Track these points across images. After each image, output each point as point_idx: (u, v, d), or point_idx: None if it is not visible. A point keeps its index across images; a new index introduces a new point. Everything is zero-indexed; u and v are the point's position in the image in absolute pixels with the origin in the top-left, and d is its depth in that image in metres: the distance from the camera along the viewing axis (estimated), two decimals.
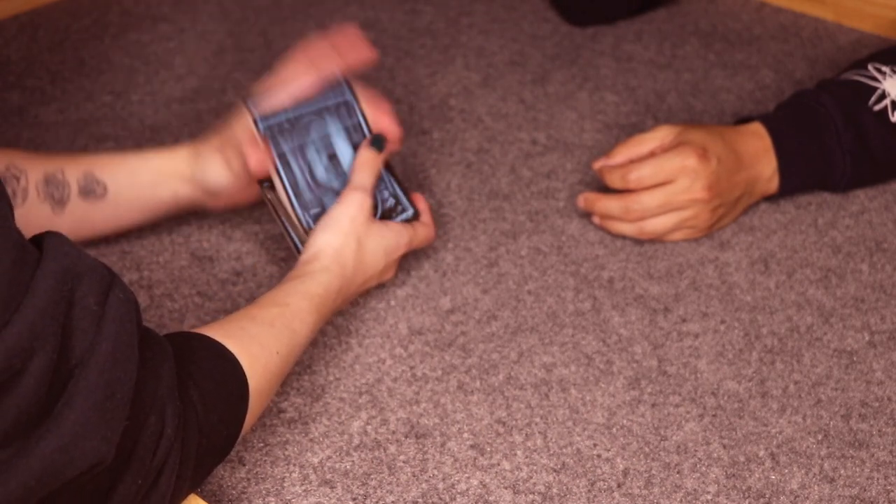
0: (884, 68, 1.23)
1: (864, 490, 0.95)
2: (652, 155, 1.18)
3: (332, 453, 0.97)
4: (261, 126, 1.08)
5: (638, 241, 1.20)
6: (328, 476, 0.95)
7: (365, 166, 1.09)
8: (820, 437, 0.99)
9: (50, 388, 0.71)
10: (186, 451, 0.81)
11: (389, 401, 1.02)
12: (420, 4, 1.63)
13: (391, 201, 1.12)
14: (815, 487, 0.95)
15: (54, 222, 1.08)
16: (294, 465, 0.96)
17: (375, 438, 0.99)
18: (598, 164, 1.20)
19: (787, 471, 0.96)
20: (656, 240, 1.20)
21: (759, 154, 1.20)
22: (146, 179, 1.11)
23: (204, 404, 0.84)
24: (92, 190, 1.10)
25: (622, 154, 1.19)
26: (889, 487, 0.95)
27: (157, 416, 0.78)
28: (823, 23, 1.59)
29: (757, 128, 1.21)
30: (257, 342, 0.91)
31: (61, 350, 0.72)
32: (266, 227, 1.22)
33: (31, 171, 1.08)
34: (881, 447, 0.98)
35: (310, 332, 0.98)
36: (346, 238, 1.04)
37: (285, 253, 1.18)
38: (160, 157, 1.12)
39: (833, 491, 0.95)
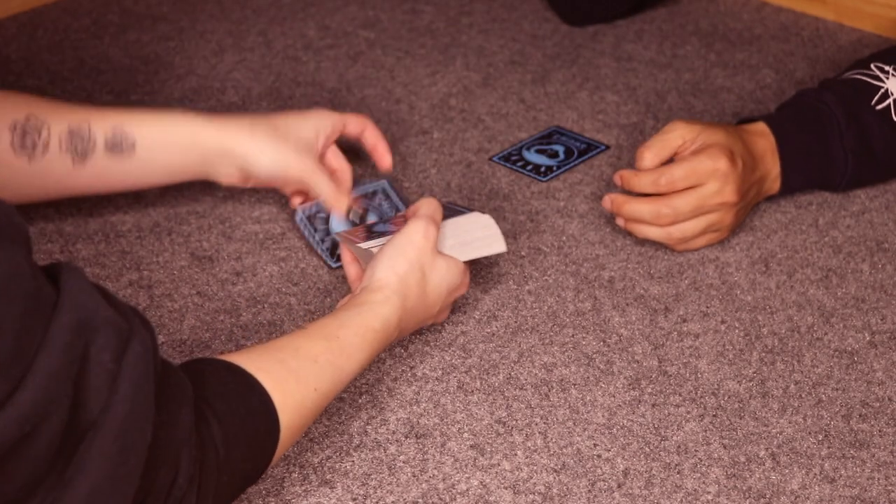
0: (887, 68, 1.23)
1: (865, 490, 0.94)
2: (676, 155, 1.16)
3: (332, 453, 0.97)
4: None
5: (638, 241, 1.20)
6: (328, 476, 0.95)
7: (427, 202, 1.05)
8: (820, 437, 0.99)
9: (59, 447, 0.69)
10: (203, 492, 0.80)
11: (389, 401, 1.02)
12: (420, 4, 1.63)
13: (390, 213, 1.16)
14: (816, 487, 0.95)
15: (73, 176, 1.05)
16: (294, 465, 0.96)
17: (375, 438, 0.99)
18: (626, 172, 1.16)
19: (787, 471, 0.96)
20: (679, 247, 1.17)
21: (766, 154, 1.20)
22: (180, 142, 1.07)
23: (226, 443, 0.81)
24: (119, 145, 1.05)
25: (651, 159, 1.15)
26: (889, 488, 0.95)
27: (170, 466, 0.76)
28: (824, 22, 1.59)
29: (762, 128, 1.21)
30: (294, 377, 0.88)
31: (73, 408, 0.69)
32: (266, 226, 1.21)
33: (55, 123, 1.04)
34: (882, 447, 0.98)
35: (358, 368, 0.94)
36: (410, 266, 0.99)
37: (285, 253, 1.18)
38: (200, 125, 1.08)
39: (833, 491, 0.94)
